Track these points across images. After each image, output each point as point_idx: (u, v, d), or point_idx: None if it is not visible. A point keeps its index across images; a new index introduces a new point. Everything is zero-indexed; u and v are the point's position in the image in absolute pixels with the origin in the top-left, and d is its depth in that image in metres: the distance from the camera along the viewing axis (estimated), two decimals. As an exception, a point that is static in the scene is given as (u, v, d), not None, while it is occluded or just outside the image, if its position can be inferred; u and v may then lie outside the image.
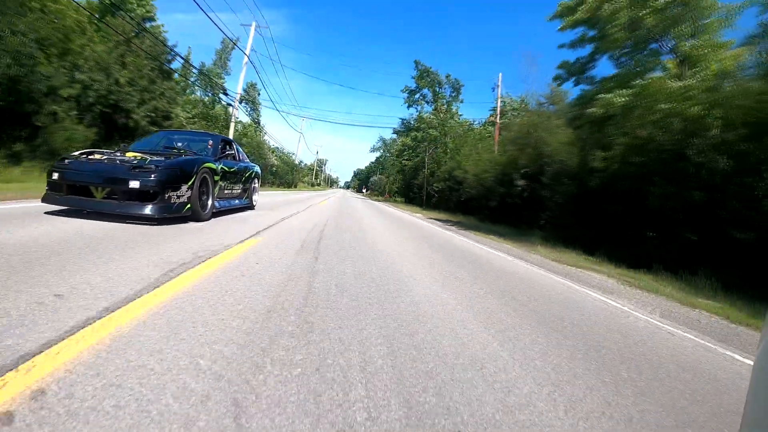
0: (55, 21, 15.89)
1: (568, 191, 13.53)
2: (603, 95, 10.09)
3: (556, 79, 13.83)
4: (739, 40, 10.59)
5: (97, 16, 19.47)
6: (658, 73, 11.67)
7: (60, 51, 15.87)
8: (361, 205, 22.88)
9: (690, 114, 8.77)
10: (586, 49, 11.78)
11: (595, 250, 10.97)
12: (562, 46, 12.39)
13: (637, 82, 9.45)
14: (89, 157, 5.52)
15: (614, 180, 11.22)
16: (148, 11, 24.59)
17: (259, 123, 47.93)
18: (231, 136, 23.80)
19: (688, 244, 9.34)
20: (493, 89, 26.41)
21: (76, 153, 5.78)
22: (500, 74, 25.56)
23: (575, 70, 12.43)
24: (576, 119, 12.19)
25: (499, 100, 25.49)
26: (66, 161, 5.35)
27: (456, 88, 37.22)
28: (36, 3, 16.00)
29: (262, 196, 13.37)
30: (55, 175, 5.15)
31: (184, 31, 64.06)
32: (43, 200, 5.17)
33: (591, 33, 11.30)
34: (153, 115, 16.29)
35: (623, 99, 9.50)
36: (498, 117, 25.29)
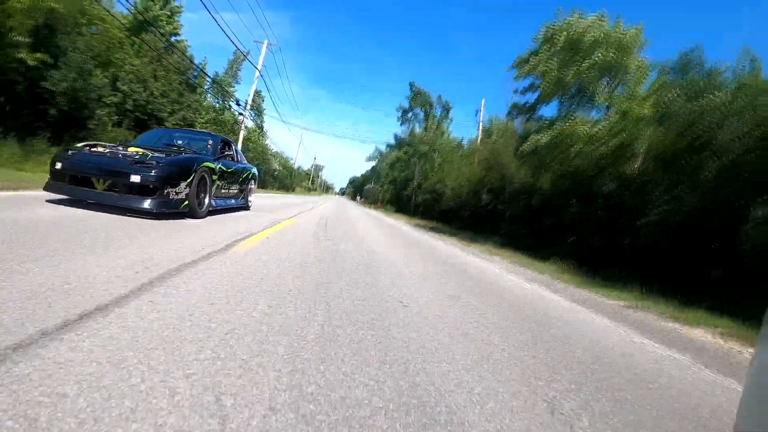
0: (96, 34, 18.77)
1: (521, 206, 16.56)
2: (533, 135, 13.18)
3: (509, 115, 16.97)
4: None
5: (127, 31, 22.41)
6: (596, 115, 14.81)
7: (104, 62, 18.78)
8: (356, 211, 25.84)
9: (597, 153, 11.81)
10: (536, 94, 14.91)
11: (535, 253, 13.90)
12: (516, 91, 15.57)
13: (557, 125, 12.53)
14: (92, 149, 5.65)
15: (550, 199, 14.26)
16: (174, 28, 27.61)
17: (262, 128, 50.98)
18: (240, 142, 26.70)
19: (595, 248, 12.30)
20: (477, 113, 29.65)
21: (80, 144, 5.90)
22: (483, 100, 28.82)
23: (524, 111, 15.51)
24: (517, 151, 15.26)
25: (480, 124, 28.68)
26: (69, 152, 5.48)
27: (446, 109, 40.93)
28: (82, 19, 18.93)
29: (262, 198, 16.08)
30: (59, 165, 5.24)
31: (190, 29, 66.97)
32: (45, 189, 5.28)
33: (538, 82, 14.40)
34: (181, 123, 19.25)
35: (547, 138, 12.55)
36: (479, 139, 28.42)
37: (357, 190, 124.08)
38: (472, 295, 4.62)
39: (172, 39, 27.43)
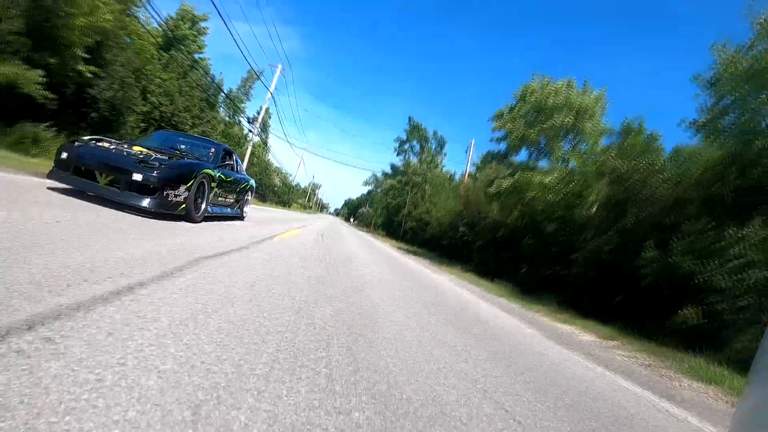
0: (131, 47, 21.22)
1: (488, 239, 18.88)
2: (498, 179, 15.66)
3: (483, 161, 19.54)
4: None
5: (157, 44, 24.94)
6: (561, 165, 17.31)
7: (137, 76, 21.19)
8: (347, 231, 28.09)
9: (547, 199, 14.21)
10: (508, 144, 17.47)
11: (494, 277, 16.13)
12: (492, 140, 18.24)
13: (516, 175, 15.01)
14: (98, 143, 5.71)
15: (511, 234, 16.60)
16: (199, 46, 30.34)
17: (266, 144, 53.53)
18: (247, 158, 29.03)
19: (542, 276, 14.55)
20: (466, 152, 32.25)
21: (86, 137, 5.93)
22: (472, 140, 31.49)
23: (497, 158, 18.07)
24: (485, 192, 17.75)
25: (469, 162, 31.26)
26: (76, 144, 5.52)
27: (441, 144, 44.07)
28: (121, 32, 21.41)
29: (259, 211, 18.18)
30: (64, 155, 5.32)
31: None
32: (48, 176, 5.40)
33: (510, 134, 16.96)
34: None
35: (508, 183, 15.00)
36: (466, 176, 30.96)
37: (352, 212, 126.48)
38: (405, 280, 6.85)
39: (196, 56, 30.14)
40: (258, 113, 39.88)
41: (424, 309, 4.52)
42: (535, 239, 14.88)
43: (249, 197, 9.97)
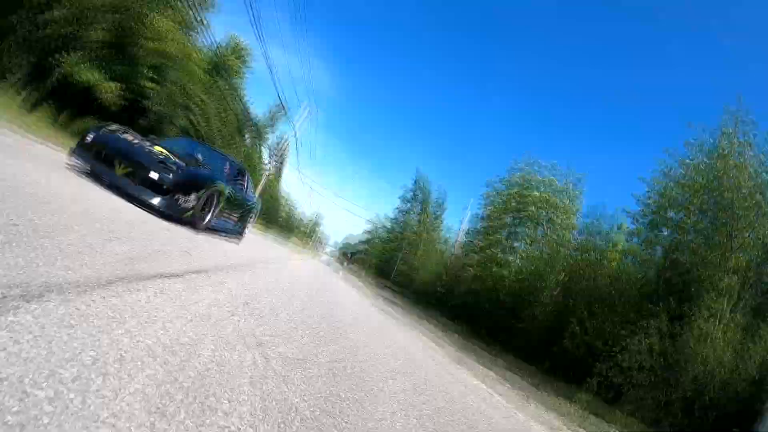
0: (183, 66, 24.21)
1: (464, 298, 20.97)
2: (470, 253, 18.05)
3: (467, 234, 22.22)
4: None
5: (205, 68, 28.08)
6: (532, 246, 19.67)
7: (183, 93, 24.09)
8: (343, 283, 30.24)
9: (510, 276, 16.42)
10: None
11: (462, 328, 18.02)
12: (475, 217, 20.86)
13: (488, 251, 17.38)
14: (123, 134, 5.87)
15: (479, 296, 18.70)
16: (240, 77, 33.70)
17: (281, 173, 56.43)
18: (261, 186, 31.58)
19: (501, 329, 16.48)
20: (461, 222, 34.55)
21: (114, 126, 6.09)
22: (471, 199, 33.99)
23: (480, 233, 20.58)
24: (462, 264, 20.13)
25: (466, 220, 33.16)
26: (102, 129, 5.72)
27: (441, 207, 47.37)
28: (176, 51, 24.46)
29: (261, 234, 20.60)
30: (90, 137, 5.50)
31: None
32: (70, 153, 5.59)
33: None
34: (226, 157, 24.26)
35: (477, 257, 17.36)
36: (460, 235, 32.93)
37: (353, 253, 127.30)
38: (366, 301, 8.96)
39: (235, 84, 33.42)
40: (279, 145, 43.09)
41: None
42: (495, 304, 16.98)
43: (252, 218, 9.96)
